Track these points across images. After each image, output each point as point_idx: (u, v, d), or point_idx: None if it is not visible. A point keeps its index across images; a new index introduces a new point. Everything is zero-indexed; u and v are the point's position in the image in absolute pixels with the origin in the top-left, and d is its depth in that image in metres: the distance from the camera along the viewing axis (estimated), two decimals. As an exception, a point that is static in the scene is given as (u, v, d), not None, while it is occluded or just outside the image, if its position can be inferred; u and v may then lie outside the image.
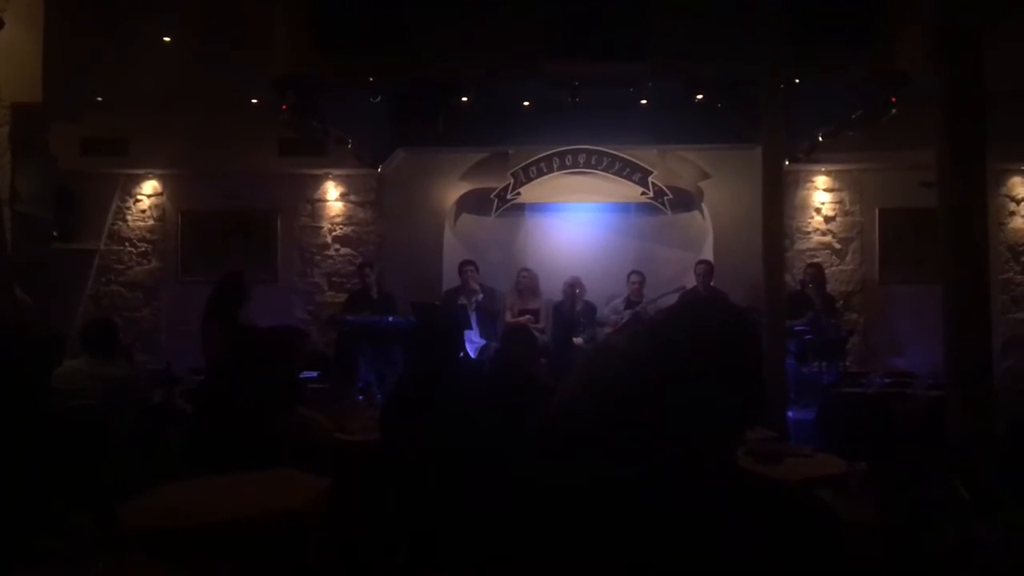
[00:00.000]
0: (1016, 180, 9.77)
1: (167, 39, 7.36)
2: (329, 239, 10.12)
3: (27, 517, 2.48)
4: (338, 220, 10.12)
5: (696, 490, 1.25)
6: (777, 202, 7.11)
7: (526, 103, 8.65)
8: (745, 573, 1.20)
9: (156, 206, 10.21)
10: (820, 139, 8.56)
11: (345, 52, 6.79)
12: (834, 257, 9.82)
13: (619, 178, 9.35)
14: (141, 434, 4.73)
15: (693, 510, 1.24)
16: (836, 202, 9.88)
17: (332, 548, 3.20)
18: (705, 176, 9.60)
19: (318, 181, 10.12)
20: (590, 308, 8.70)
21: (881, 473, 3.00)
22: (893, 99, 7.10)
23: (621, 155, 9.30)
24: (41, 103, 6.24)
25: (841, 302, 9.45)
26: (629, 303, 8.64)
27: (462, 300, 8.71)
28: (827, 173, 9.85)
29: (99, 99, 8.69)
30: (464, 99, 7.55)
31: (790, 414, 7.03)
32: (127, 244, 10.20)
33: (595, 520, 1.25)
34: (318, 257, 10.12)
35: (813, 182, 9.90)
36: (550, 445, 1.34)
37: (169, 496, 3.12)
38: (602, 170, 9.35)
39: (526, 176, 9.39)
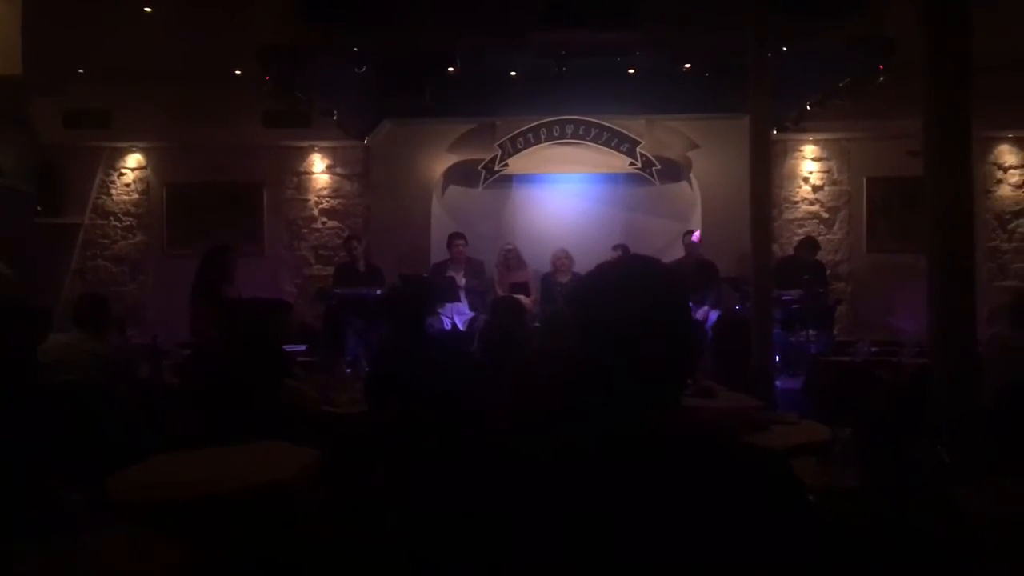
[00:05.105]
0: (1003, 148, 9.79)
1: (148, 9, 7.25)
2: (316, 212, 10.07)
3: (16, 491, 2.48)
4: (325, 193, 10.07)
5: (651, 451, 1.28)
6: (765, 171, 7.08)
7: (513, 73, 8.58)
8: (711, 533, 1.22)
9: (141, 179, 10.13)
10: (808, 108, 8.54)
11: (329, 22, 6.70)
12: (821, 226, 9.84)
13: (607, 148, 9.30)
14: (129, 408, 4.73)
15: (652, 471, 1.26)
16: (824, 171, 9.89)
17: (320, 519, 3.21)
18: (693, 146, 9.57)
19: (304, 153, 10.05)
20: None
21: (865, 439, 3.02)
22: (880, 67, 7.07)
23: (609, 125, 9.25)
24: (21, 75, 6.15)
25: (829, 271, 9.48)
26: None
27: (450, 272, 8.71)
28: (815, 142, 9.85)
29: (80, 71, 8.58)
30: (451, 69, 7.48)
31: (777, 383, 7.06)
32: (112, 218, 10.13)
33: (561, 485, 1.28)
34: (305, 230, 10.07)
35: (801, 151, 9.90)
36: (517, 414, 1.37)
37: (157, 468, 3.13)
38: (590, 140, 9.30)
39: (513, 147, 9.33)
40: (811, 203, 9.87)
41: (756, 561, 1.21)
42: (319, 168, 10.07)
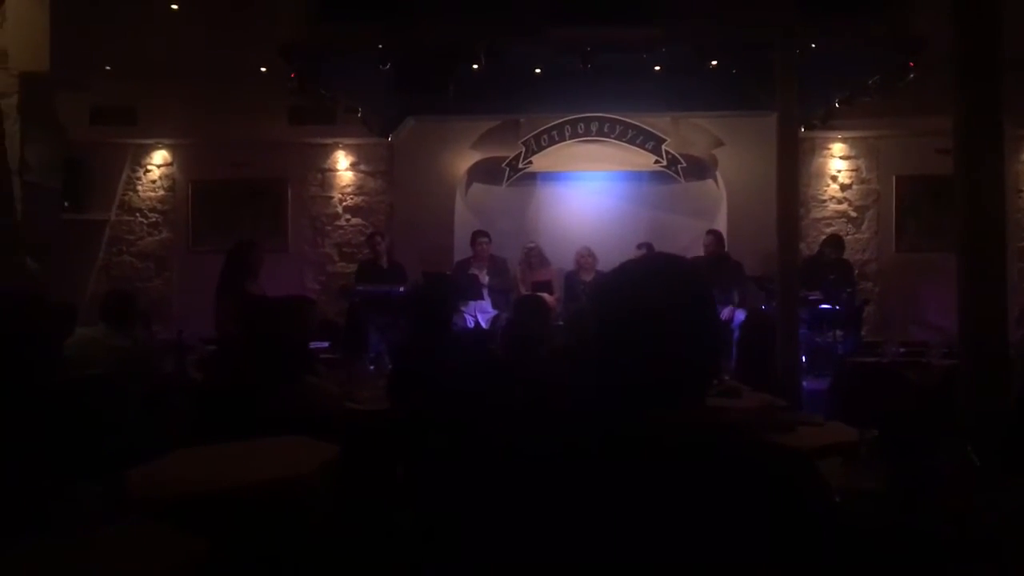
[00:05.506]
0: (1036, 147, 9.64)
1: (175, 6, 7.30)
2: (340, 209, 10.11)
3: (36, 485, 2.48)
4: (348, 190, 10.10)
5: (659, 451, 1.26)
6: (792, 170, 7.02)
7: (537, 70, 8.54)
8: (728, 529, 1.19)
9: (166, 176, 10.21)
10: (836, 105, 8.44)
11: (351, 18, 6.70)
12: (850, 225, 9.74)
13: (632, 146, 9.25)
14: (152, 403, 4.75)
15: (669, 471, 1.24)
16: (852, 170, 9.79)
17: (340, 515, 3.21)
18: (719, 144, 9.50)
19: (328, 150, 10.09)
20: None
21: (892, 441, 2.97)
22: (911, 64, 6.97)
23: (634, 123, 9.20)
24: (49, 72, 6.21)
25: (857, 271, 9.38)
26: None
27: (474, 270, 8.71)
28: (843, 140, 9.75)
29: (107, 68, 8.66)
30: (475, 66, 7.45)
31: (804, 384, 7.00)
32: (138, 214, 10.22)
33: (574, 487, 1.25)
34: (328, 227, 10.11)
35: (829, 149, 9.80)
36: (525, 414, 1.37)
37: (178, 463, 3.14)
38: (615, 138, 9.25)
39: (538, 145, 9.30)
40: (839, 202, 9.77)
41: (768, 562, 1.19)
42: (343, 165, 10.10)
